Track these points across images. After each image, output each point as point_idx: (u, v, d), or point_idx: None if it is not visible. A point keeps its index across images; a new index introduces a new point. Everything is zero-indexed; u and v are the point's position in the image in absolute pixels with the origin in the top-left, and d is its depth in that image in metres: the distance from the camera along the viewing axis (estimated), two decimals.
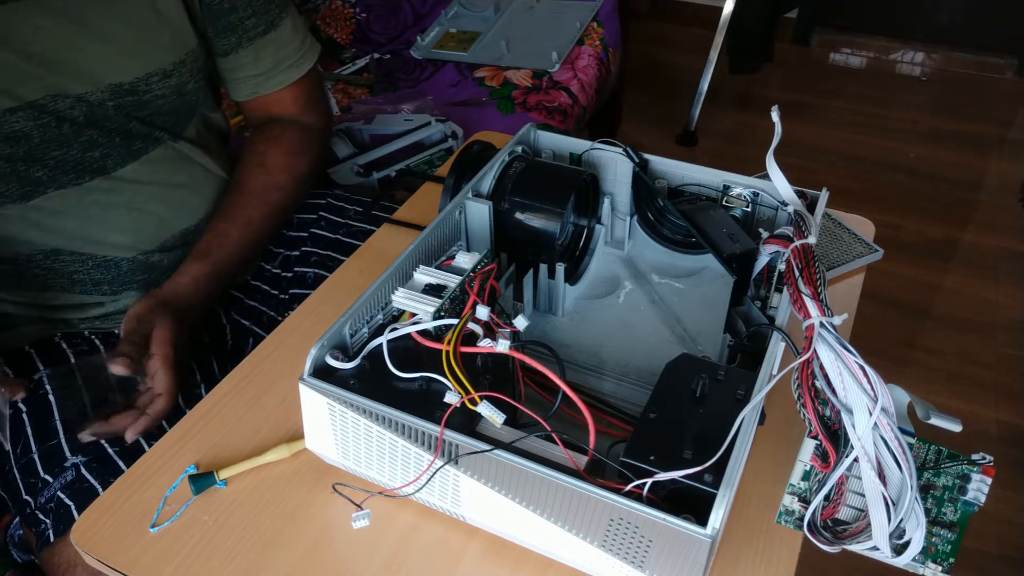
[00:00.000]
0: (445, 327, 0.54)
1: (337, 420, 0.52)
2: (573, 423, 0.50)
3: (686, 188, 0.71)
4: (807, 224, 0.56)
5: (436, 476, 0.50)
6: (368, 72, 1.68)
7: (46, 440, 0.77)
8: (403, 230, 0.84)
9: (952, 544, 0.45)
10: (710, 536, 0.42)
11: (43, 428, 0.78)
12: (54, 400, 0.79)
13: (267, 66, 0.90)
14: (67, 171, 0.78)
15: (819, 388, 0.44)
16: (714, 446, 0.45)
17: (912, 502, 0.42)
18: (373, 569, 0.53)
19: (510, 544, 0.53)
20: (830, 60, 2.79)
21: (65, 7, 0.74)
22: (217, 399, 0.65)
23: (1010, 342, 1.72)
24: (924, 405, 0.44)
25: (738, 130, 2.40)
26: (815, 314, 0.47)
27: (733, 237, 0.65)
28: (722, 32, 2.24)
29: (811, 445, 0.45)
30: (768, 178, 0.62)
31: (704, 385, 0.51)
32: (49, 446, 0.76)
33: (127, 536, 0.55)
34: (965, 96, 2.57)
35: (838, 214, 0.85)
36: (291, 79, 0.93)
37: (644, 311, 0.70)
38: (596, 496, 0.44)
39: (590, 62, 1.66)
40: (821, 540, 0.46)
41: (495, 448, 0.46)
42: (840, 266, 0.77)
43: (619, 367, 0.65)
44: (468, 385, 0.49)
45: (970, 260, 1.94)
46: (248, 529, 0.55)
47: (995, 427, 1.54)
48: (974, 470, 0.44)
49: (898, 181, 2.20)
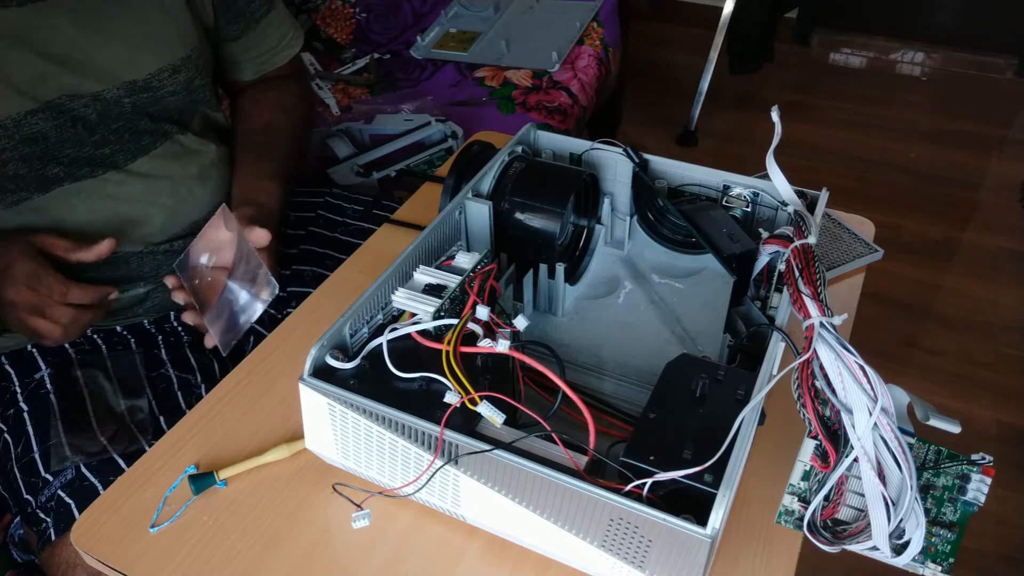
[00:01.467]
0: (445, 327, 0.54)
1: (337, 420, 0.52)
2: (573, 423, 0.50)
3: (686, 188, 0.71)
4: (807, 224, 0.56)
5: (436, 476, 0.50)
6: (368, 72, 1.68)
7: (47, 439, 0.77)
8: (403, 230, 0.84)
9: (952, 544, 0.45)
10: (710, 536, 0.42)
11: (44, 427, 0.78)
12: (55, 400, 0.79)
13: (272, 43, 0.97)
14: (81, 166, 0.80)
15: (819, 388, 0.44)
16: (714, 446, 0.45)
17: (912, 502, 0.42)
18: (373, 569, 0.53)
19: (510, 544, 0.53)
20: (830, 60, 2.79)
21: (80, 7, 0.76)
22: (217, 399, 0.65)
23: (1010, 342, 1.72)
24: (924, 406, 0.44)
25: (738, 130, 2.40)
26: (815, 314, 0.47)
27: (733, 237, 0.65)
28: (722, 32, 2.24)
29: (811, 445, 0.45)
30: (768, 178, 0.62)
31: (704, 385, 0.51)
32: (49, 445, 0.76)
33: (127, 536, 0.55)
34: (965, 96, 2.57)
35: (838, 214, 0.85)
36: (293, 52, 1.00)
37: (644, 311, 0.70)
38: (596, 496, 0.44)
39: (590, 62, 1.66)
40: (821, 540, 0.46)
41: (495, 448, 0.46)
42: (840, 266, 0.77)
43: (619, 367, 0.64)
44: (468, 385, 0.49)
45: (970, 260, 1.94)
46: (248, 529, 0.55)
47: (995, 427, 1.54)
48: (974, 470, 0.44)
49: (898, 181, 2.20)
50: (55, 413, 0.79)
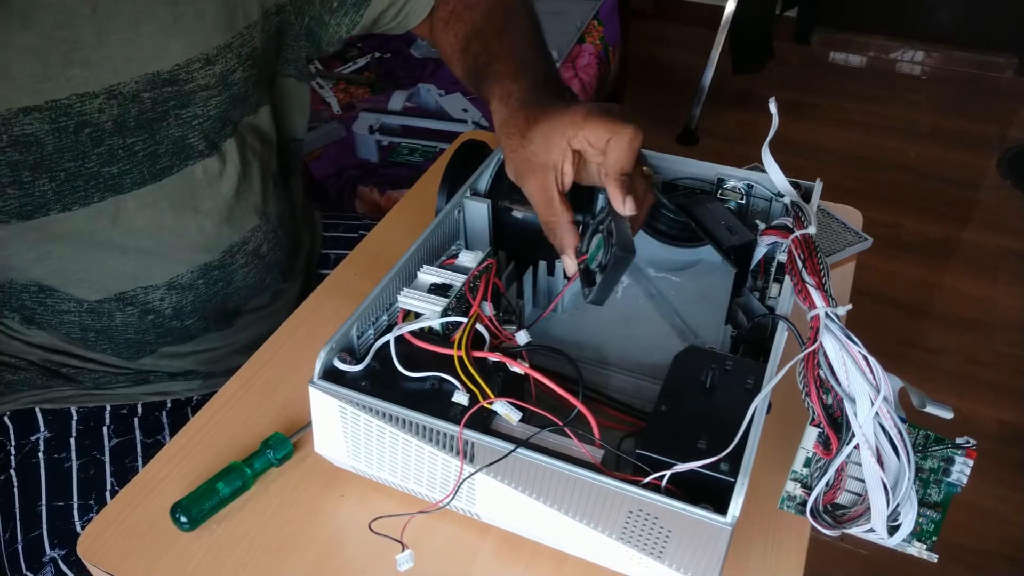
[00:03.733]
0: (453, 325, 0.54)
1: (348, 422, 0.52)
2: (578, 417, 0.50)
3: (680, 182, 0.71)
4: (805, 214, 0.56)
5: (449, 476, 0.50)
6: (369, 71, 1.69)
7: (30, 530, 0.72)
8: (395, 232, 0.83)
9: (936, 523, 0.47)
10: (730, 524, 0.43)
11: (30, 513, 0.73)
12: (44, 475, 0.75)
13: None
14: (76, 188, 0.66)
15: (823, 377, 0.45)
16: (728, 436, 0.45)
17: (909, 486, 0.42)
18: (386, 570, 0.52)
19: (524, 540, 0.53)
20: (830, 59, 2.79)
21: None
22: (219, 406, 0.64)
23: (1010, 341, 1.72)
24: (919, 394, 0.44)
25: (739, 129, 2.40)
26: (820, 304, 0.47)
27: (731, 229, 0.65)
28: (724, 31, 2.24)
29: (813, 433, 0.45)
30: (761, 169, 0.62)
31: (714, 376, 0.51)
32: (31, 537, 0.72)
33: (135, 547, 0.54)
34: (965, 95, 2.57)
35: (826, 204, 0.86)
36: None
37: (642, 305, 0.70)
38: (617, 489, 0.45)
39: (590, 60, 1.66)
40: (822, 524, 0.47)
41: (517, 448, 0.46)
42: (830, 255, 0.77)
43: (621, 362, 0.65)
44: (485, 387, 0.49)
45: (970, 259, 1.94)
46: (258, 536, 0.55)
47: (995, 426, 1.54)
48: (958, 453, 0.45)
49: (898, 180, 2.20)
50: (42, 495, 0.74)
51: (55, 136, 0.63)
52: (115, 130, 0.65)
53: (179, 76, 0.66)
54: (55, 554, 0.71)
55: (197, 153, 0.71)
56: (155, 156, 0.68)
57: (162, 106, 0.67)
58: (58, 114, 0.62)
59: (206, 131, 0.70)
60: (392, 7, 0.77)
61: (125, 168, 0.67)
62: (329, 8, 0.76)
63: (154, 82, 0.65)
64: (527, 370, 0.51)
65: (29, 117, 0.61)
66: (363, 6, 0.76)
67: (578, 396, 0.49)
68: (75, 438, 0.77)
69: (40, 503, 0.73)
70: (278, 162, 0.82)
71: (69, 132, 0.63)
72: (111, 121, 0.65)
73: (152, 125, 0.67)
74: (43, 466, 0.75)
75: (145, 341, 0.77)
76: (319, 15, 0.76)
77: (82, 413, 0.79)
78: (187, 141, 0.69)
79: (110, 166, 0.66)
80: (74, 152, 0.64)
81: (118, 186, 0.67)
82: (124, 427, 0.79)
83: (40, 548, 0.71)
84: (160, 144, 0.68)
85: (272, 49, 0.75)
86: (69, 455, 0.76)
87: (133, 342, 0.77)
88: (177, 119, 0.68)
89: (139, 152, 0.67)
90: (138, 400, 0.81)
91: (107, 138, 0.65)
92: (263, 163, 0.77)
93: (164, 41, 0.65)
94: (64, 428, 0.78)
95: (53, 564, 0.71)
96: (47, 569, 0.71)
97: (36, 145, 0.62)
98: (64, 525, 0.72)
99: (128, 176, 0.67)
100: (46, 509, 0.73)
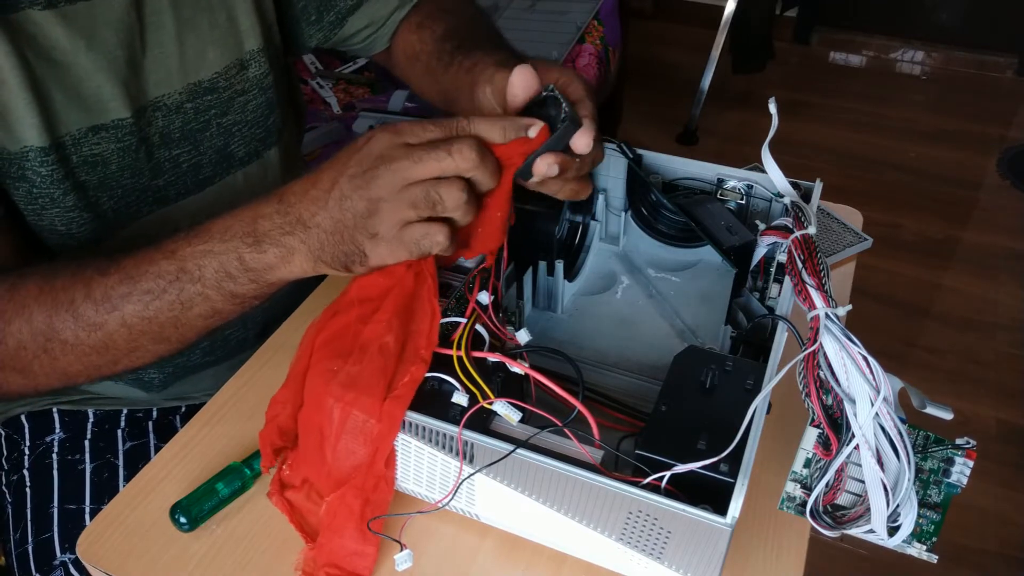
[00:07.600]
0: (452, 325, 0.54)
1: None
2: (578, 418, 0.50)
3: (680, 183, 0.71)
4: (805, 214, 0.56)
5: (449, 477, 0.50)
6: (369, 71, 1.69)
7: (42, 532, 0.72)
8: None
9: (936, 524, 0.47)
10: (730, 525, 0.43)
11: (42, 515, 0.73)
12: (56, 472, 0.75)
13: None
14: (130, 204, 0.67)
15: (823, 378, 0.45)
16: (727, 436, 0.45)
17: (909, 487, 0.42)
18: (385, 570, 0.52)
19: (523, 540, 0.53)
20: (830, 59, 2.79)
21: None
22: (217, 407, 0.64)
23: (1010, 341, 1.72)
24: (919, 394, 0.44)
25: (739, 129, 2.40)
26: (820, 305, 0.47)
27: (731, 229, 0.65)
28: (724, 31, 2.24)
29: (813, 433, 0.45)
30: (761, 170, 0.62)
31: (713, 376, 0.51)
32: (42, 539, 0.72)
33: (135, 547, 0.54)
34: (965, 95, 2.57)
35: (827, 204, 0.86)
36: None
37: (642, 305, 0.70)
38: (616, 490, 0.45)
39: (590, 60, 1.66)
40: (822, 525, 0.47)
41: (517, 448, 0.46)
42: (830, 256, 0.77)
43: (621, 362, 0.65)
44: (485, 388, 0.49)
45: (970, 259, 1.94)
46: (258, 536, 0.55)
47: (995, 426, 1.54)
48: (958, 454, 0.45)
49: (898, 180, 2.20)
50: (54, 497, 0.73)
51: (119, 155, 0.64)
52: (162, 143, 0.67)
53: (218, 84, 0.68)
54: (66, 558, 0.71)
55: (237, 161, 0.73)
56: (198, 167, 0.70)
57: (204, 115, 0.68)
58: (123, 132, 0.63)
59: (246, 138, 0.72)
60: (361, 32, 0.80)
61: (170, 180, 0.68)
62: (307, 19, 0.78)
63: (196, 91, 0.67)
64: (527, 370, 0.51)
65: (97, 136, 0.62)
66: (338, 27, 0.79)
67: (578, 396, 0.48)
68: (90, 440, 0.78)
69: (52, 505, 0.74)
70: None
71: (131, 150, 0.64)
72: (158, 134, 0.66)
73: (196, 136, 0.69)
74: (56, 467, 0.76)
75: (189, 365, 0.78)
76: (297, 19, 0.78)
77: (99, 416, 0.79)
78: (228, 149, 0.71)
79: (157, 179, 0.67)
80: (133, 169, 0.65)
81: (163, 199, 0.69)
82: (139, 430, 0.80)
83: (51, 550, 0.72)
84: (203, 155, 0.70)
85: None
86: (83, 457, 0.77)
87: (175, 363, 0.77)
88: (219, 128, 0.70)
89: (183, 163, 0.69)
90: (155, 404, 0.81)
91: (155, 151, 0.66)
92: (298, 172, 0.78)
93: (203, 50, 0.67)
94: (80, 430, 0.78)
95: (63, 568, 0.71)
96: (57, 573, 0.71)
97: (102, 164, 0.63)
98: (75, 528, 0.72)
99: (172, 188, 0.69)
100: (58, 511, 0.73)
